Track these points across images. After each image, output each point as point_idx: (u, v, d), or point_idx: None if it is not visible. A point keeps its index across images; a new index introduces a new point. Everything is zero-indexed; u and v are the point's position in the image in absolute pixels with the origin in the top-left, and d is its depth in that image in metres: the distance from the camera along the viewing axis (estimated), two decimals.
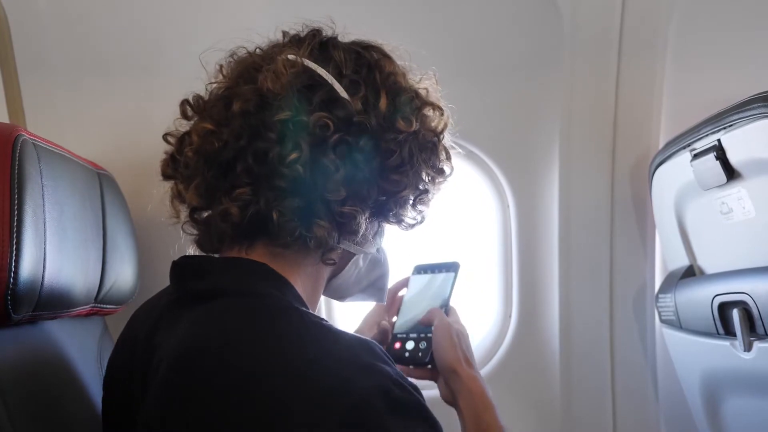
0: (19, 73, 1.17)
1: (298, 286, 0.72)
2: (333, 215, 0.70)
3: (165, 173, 0.77)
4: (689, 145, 1.13)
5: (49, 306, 0.78)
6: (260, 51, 0.77)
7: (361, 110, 0.71)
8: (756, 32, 1.36)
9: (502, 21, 1.33)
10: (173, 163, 0.76)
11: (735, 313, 1.05)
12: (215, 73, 0.78)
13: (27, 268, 0.70)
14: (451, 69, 1.00)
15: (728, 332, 1.09)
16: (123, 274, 1.02)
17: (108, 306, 0.99)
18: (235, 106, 0.70)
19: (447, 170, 0.80)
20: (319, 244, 0.71)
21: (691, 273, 1.26)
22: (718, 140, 1.03)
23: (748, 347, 1.04)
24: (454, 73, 1.09)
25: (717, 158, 1.03)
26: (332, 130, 0.68)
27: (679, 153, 1.17)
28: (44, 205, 0.75)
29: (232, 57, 0.78)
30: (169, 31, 1.23)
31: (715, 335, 1.13)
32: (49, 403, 0.76)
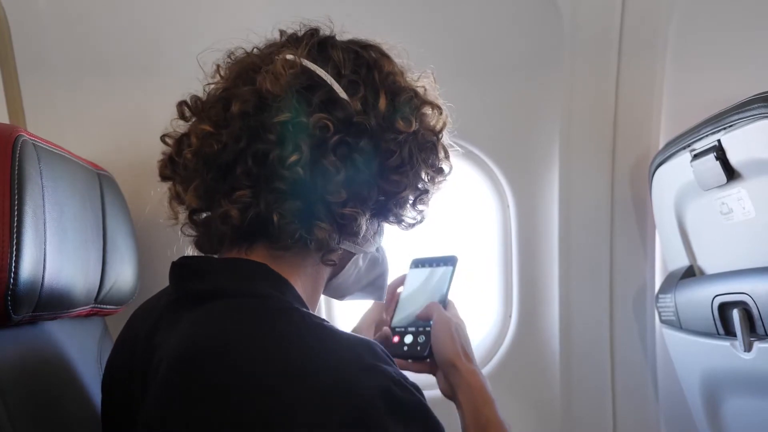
0: (19, 73, 1.17)
1: (298, 286, 0.72)
2: (334, 217, 0.70)
3: (163, 174, 0.76)
4: (689, 146, 1.13)
5: (49, 306, 0.78)
6: (258, 51, 0.77)
7: (360, 111, 0.71)
8: (756, 32, 1.36)
9: (502, 21, 1.33)
10: (171, 165, 0.75)
11: (735, 314, 1.05)
12: (212, 73, 0.77)
13: (27, 268, 0.70)
14: (451, 69, 1.00)
15: (728, 332, 1.09)
16: (123, 274, 1.02)
17: (108, 306, 0.99)
18: (234, 108, 0.69)
19: (446, 169, 0.80)
20: (319, 246, 0.71)
21: (691, 273, 1.26)
22: (718, 140, 1.03)
23: (748, 347, 1.04)
24: (454, 73, 1.09)
25: (717, 158, 1.03)
26: (332, 132, 0.68)
27: (679, 153, 1.17)
28: (44, 205, 0.75)
29: (229, 57, 0.78)
30: (170, 31, 1.23)
31: (715, 335, 1.13)
32: (50, 403, 0.76)
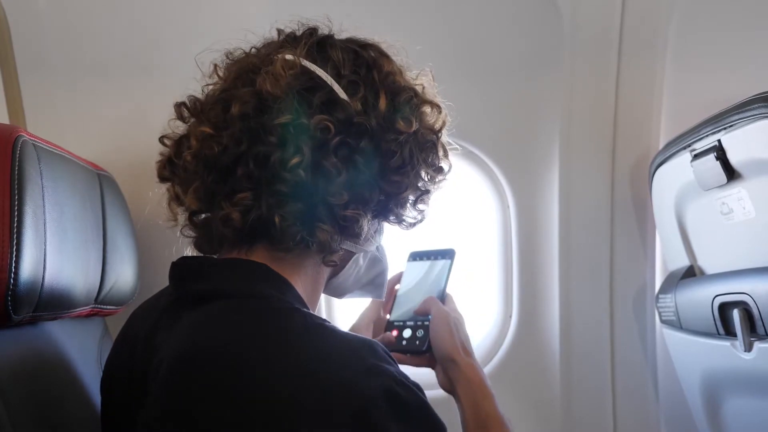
0: (19, 73, 1.17)
1: (298, 286, 0.72)
2: (335, 218, 0.70)
3: (162, 175, 0.76)
4: (689, 146, 1.13)
5: (49, 307, 0.77)
6: (256, 51, 0.76)
7: (360, 111, 0.70)
8: (756, 32, 1.36)
9: (502, 21, 1.33)
10: (170, 166, 0.75)
11: (735, 314, 1.05)
12: (210, 73, 0.77)
13: (27, 268, 0.70)
14: (451, 69, 1.00)
15: (728, 332, 1.09)
16: (123, 274, 1.02)
17: (108, 307, 0.99)
18: (234, 109, 0.69)
19: (446, 167, 0.80)
20: (321, 248, 0.71)
21: (691, 273, 1.26)
22: (719, 140, 1.03)
23: (749, 347, 1.04)
24: (454, 73, 1.09)
25: (717, 158, 1.03)
26: (333, 133, 0.68)
27: (680, 153, 1.17)
28: (44, 206, 0.75)
29: (227, 56, 0.77)
30: (170, 31, 1.23)
31: (716, 335, 1.13)
32: (50, 403, 0.76)
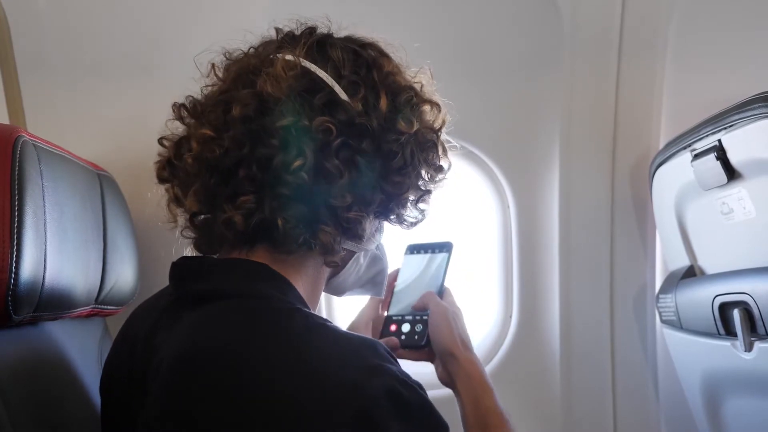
0: (19, 73, 1.17)
1: (299, 286, 0.72)
2: (338, 221, 0.70)
3: (161, 177, 0.75)
4: (690, 146, 1.13)
5: (49, 307, 0.77)
6: (254, 50, 0.76)
7: (362, 112, 0.70)
8: (756, 32, 1.36)
9: (502, 21, 1.33)
10: (170, 167, 0.74)
11: (736, 314, 1.05)
12: (208, 72, 0.77)
13: (28, 269, 0.70)
14: (451, 69, 1.00)
15: (729, 332, 1.09)
16: (123, 275, 1.02)
17: (108, 307, 0.99)
18: (235, 111, 0.69)
19: (445, 166, 0.80)
20: (324, 250, 0.71)
21: (691, 273, 1.26)
22: (719, 140, 1.03)
23: (749, 347, 1.04)
24: (454, 73, 1.09)
25: (717, 158, 1.03)
26: (335, 135, 0.68)
27: (680, 153, 1.17)
28: (45, 206, 0.75)
29: (225, 56, 0.77)
30: (170, 31, 1.22)
31: (716, 335, 1.13)
32: (50, 403, 0.76)
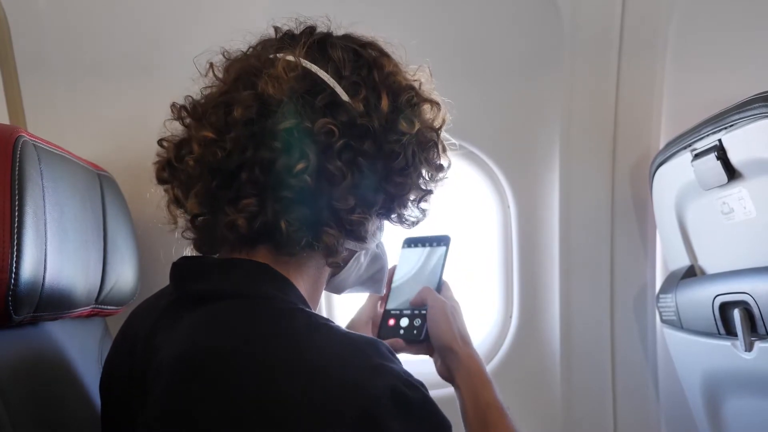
0: (19, 73, 1.17)
1: (300, 286, 0.72)
2: (342, 222, 0.70)
3: (160, 178, 0.75)
4: (690, 145, 1.13)
5: (50, 307, 0.77)
6: (253, 50, 0.76)
7: (363, 113, 0.70)
8: (756, 32, 1.36)
9: (502, 21, 1.33)
10: (170, 169, 0.74)
11: (736, 313, 1.05)
12: (206, 71, 0.76)
13: (28, 269, 0.70)
14: (451, 69, 1.00)
15: (729, 332, 1.09)
16: (124, 275, 1.02)
17: (109, 307, 0.99)
18: (236, 113, 0.68)
19: (446, 165, 0.80)
20: (327, 252, 0.71)
21: (692, 273, 1.26)
22: (719, 140, 1.03)
23: (749, 347, 1.04)
24: (454, 73, 1.09)
25: (718, 158, 1.03)
26: (337, 136, 0.68)
27: (680, 153, 1.17)
28: (45, 206, 0.75)
29: (224, 55, 0.77)
30: (170, 31, 1.22)
31: (716, 335, 1.13)
32: (50, 403, 0.76)
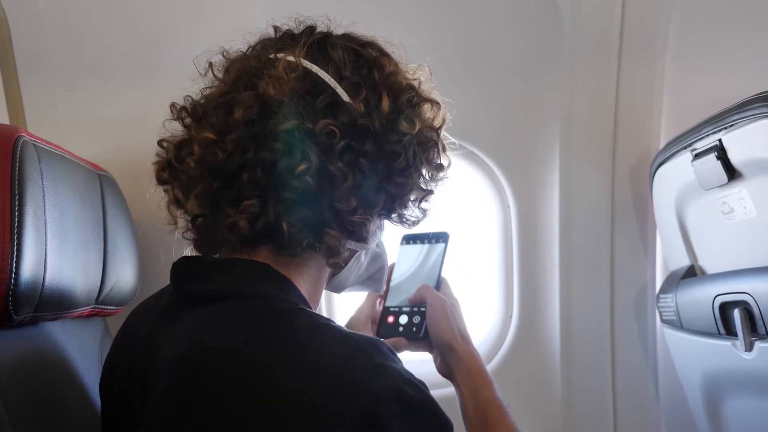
0: (19, 73, 1.17)
1: (301, 286, 0.72)
2: (344, 224, 0.70)
3: (160, 178, 0.75)
4: (690, 145, 1.13)
5: (50, 307, 0.77)
6: (252, 49, 0.76)
7: (364, 113, 0.70)
8: (756, 32, 1.36)
9: (502, 21, 1.33)
10: (170, 169, 0.73)
11: (736, 313, 1.05)
12: (205, 71, 0.76)
13: (28, 269, 0.70)
14: (451, 69, 1.00)
15: (729, 332, 1.09)
16: (124, 275, 1.02)
17: (109, 307, 0.99)
18: (237, 114, 0.68)
19: (445, 164, 0.80)
20: (329, 253, 0.71)
21: (692, 273, 1.26)
22: (719, 140, 1.03)
23: (750, 347, 1.04)
24: (454, 73, 1.09)
25: (718, 158, 1.03)
26: (338, 137, 0.68)
27: (680, 153, 1.17)
28: (45, 206, 0.75)
29: (223, 55, 0.76)
30: (170, 31, 1.22)
31: (716, 335, 1.13)
32: (50, 403, 0.76)
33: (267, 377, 0.57)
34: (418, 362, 0.96)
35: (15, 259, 0.68)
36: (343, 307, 1.42)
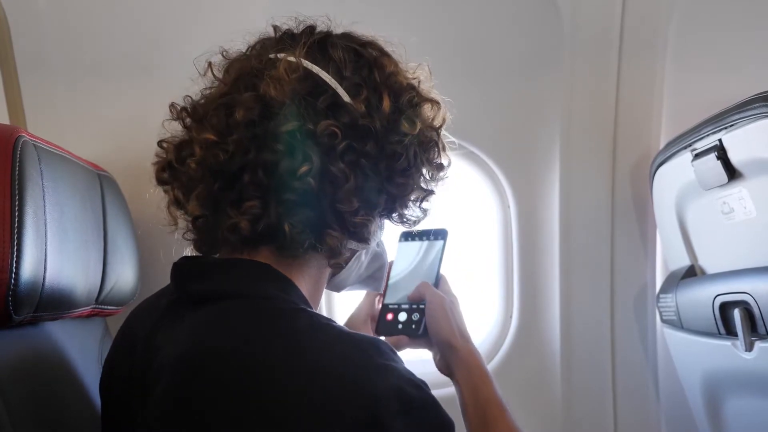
0: (19, 73, 1.17)
1: (302, 286, 0.72)
2: (345, 225, 0.70)
3: (160, 179, 0.75)
4: (690, 145, 1.13)
5: (50, 307, 0.77)
6: (252, 49, 0.75)
7: (364, 113, 0.70)
8: (756, 32, 1.37)
9: (502, 21, 1.33)
10: (170, 170, 0.73)
11: (736, 313, 1.05)
12: (205, 70, 0.76)
13: (28, 269, 0.70)
14: (451, 69, 1.00)
15: (729, 332, 1.09)
16: (124, 275, 1.02)
17: (109, 307, 0.99)
18: (238, 115, 0.68)
19: (446, 163, 0.79)
20: (331, 253, 0.71)
21: (692, 273, 1.26)
22: (719, 140, 1.03)
23: (750, 347, 1.04)
24: (454, 73, 1.09)
25: (718, 158, 1.03)
26: (340, 138, 0.68)
27: (680, 153, 1.17)
28: (45, 206, 0.75)
29: (223, 55, 0.76)
30: (170, 31, 1.22)
31: (717, 335, 1.13)
32: (50, 403, 0.76)
33: (267, 377, 0.57)
34: (418, 362, 0.97)
35: (15, 259, 0.68)
36: (343, 306, 1.42)
